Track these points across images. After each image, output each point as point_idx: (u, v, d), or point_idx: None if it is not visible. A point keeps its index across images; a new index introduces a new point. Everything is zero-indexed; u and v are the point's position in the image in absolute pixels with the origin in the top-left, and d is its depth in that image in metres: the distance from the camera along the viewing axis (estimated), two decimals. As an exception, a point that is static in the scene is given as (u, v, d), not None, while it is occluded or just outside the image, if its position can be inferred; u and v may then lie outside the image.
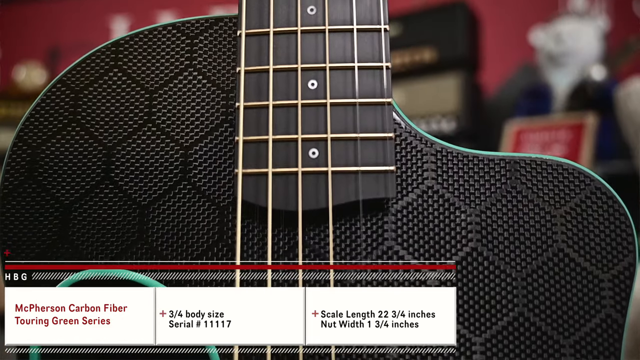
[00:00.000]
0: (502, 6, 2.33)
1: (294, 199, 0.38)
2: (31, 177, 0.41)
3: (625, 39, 1.93)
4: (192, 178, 0.41)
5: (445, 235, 0.39)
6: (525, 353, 0.38)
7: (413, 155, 0.40)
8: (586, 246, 0.38)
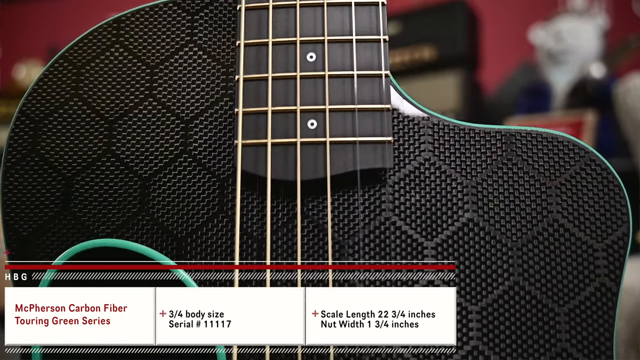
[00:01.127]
0: (501, 4, 2.34)
1: (292, 169, 0.38)
2: (34, 150, 0.42)
3: (624, 37, 1.94)
4: (193, 151, 0.41)
5: (442, 206, 0.40)
6: (521, 321, 0.38)
7: (410, 128, 0.40)
8: (580, 216, 0.39)
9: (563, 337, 0.38)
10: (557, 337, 0.38)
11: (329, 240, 0.39)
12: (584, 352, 0.38)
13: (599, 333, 0.38)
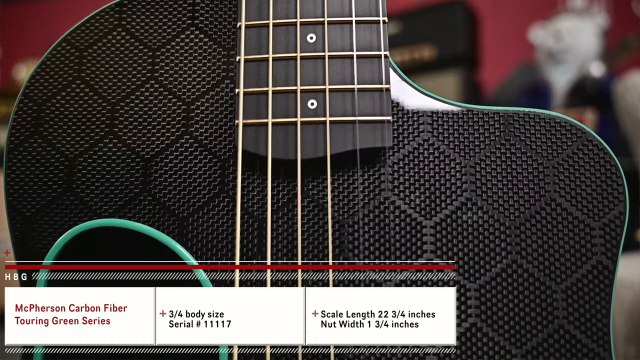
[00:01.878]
0: (501, 4, 2.35)
1: (293, 148, 0.39)
2: (37, 132, 0.42)
3: (624, 36, 1.94)
4: (194, 132, 0.42)
5: (440, 186, 0.40)
6: (519, 299, 0.39)
7: (409, 109, 0.41)
8: (578, 195, 0.39)
9: (560, 314, 0.38)
10: (555, 314, 0.38)
11: (329, 220, 0.39)
12: (581, 329, 0.38)
13: (595, 310, 0.38)
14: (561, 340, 0.38)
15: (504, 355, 0.38)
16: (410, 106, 0.41)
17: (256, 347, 0.38)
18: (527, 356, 0.38)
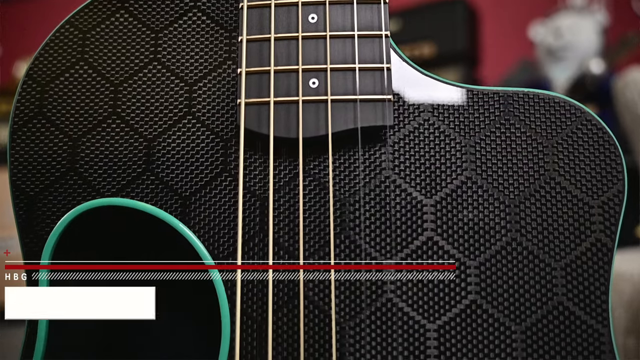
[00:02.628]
0: (501, 2, 2.35)
1: (294, 127, 0.39)
2: (40, 113, 0.43)
3: (623, 34, 1.95)
4: (197, 113, 0.42)
5: (441, 165, 0.40)
6: (518, 276, 0.39)
7: (410, 89, 0.41)
8: (577, 174, 0.40)
9: (559, 291, 0.39)
10: (554, 291, 0.39)
11: (330, 198, 0.40)
12: (580, 306, 0.38)
13: (594, 287, 0.39)
14: (560, 317, 0.38)
15: (503, 332, 0.38)
16: (410, 86, 0.41)
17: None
18: (527, 332, 0.38)
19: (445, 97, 0.41)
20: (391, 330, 0.38)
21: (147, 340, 0.52)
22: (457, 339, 0.38)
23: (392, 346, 0.38)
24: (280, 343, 0.39)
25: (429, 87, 0.41)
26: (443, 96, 0.41)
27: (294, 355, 0.38)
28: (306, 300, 0.39)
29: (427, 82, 0.41)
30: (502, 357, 0.38)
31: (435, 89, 0.41)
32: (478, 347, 0.38)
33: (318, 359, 0.38)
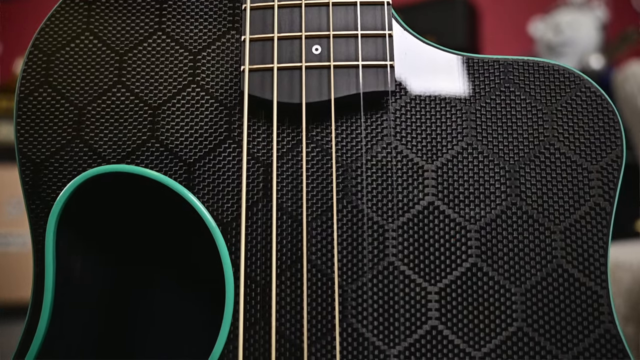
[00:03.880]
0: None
1: (298, 92, 0.40)
2: (46, 82, 0.43)
3: (623, 29, 1.95)
4: (201, 81, 0.43)
5: (441, 132, 0.41)
6: (518, 239, 0.39)
7: (411, 57, 0.42)
8: (576, 140, 0.40)
9: (559, 254, 0.39)
10: (553, 254, 0.39)
11: (333, 163, 0.40)
12: (579, 268, 0.39)
13: (593, 250, 0.39)
14: (560, 279, 0.39)
15: (503, 294, 0.39)
16: (412, 54, 0.42)
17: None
18: (527, 294, 0.39)
19: (446, 65, 0.42)
20: (393, 292, 0.39)
21: (149, 321, 0.52)
22: (458, 302, 0.39)
23: (394, 308, 0.39)
24: (284, 306, 0.39)
25: (430, 55, 0.42)
26: (444, 64, 0.42)
27: (296, 319, 0.39)
28: (309, 264, 0.39)
29: (429, 50, 0.42)
30: (502, 319, 0.38)
31: (437, 57, 0.42)
32: (478, 309, 0.39)
33: (321, 321, 0.39)
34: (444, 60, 0.42)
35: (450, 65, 0.42)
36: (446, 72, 0.42)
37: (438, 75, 0.42)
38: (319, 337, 0.38)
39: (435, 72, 0.42)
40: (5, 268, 2.00)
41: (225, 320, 0.39)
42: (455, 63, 0.42)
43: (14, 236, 2.02)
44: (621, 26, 2.04)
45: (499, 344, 0.38)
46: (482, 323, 0.38)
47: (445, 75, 0.42)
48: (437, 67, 0.42)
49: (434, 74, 0.42)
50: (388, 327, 0.39)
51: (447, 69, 0.42)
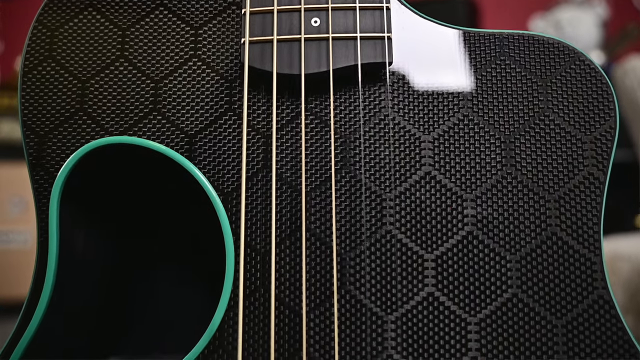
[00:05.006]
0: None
1: (297, 63, 0.41)
2: (50, 56, 0.44)
3: (623, 26, 1.96)
4: (202, 55, 0.43)
5: (438, 104, 0.42)
6: (513, 208, 0.40)
7: (408, 31, 0.43)
8: (570, 112, 0.41)
9: (553, 222, 0.40)
10: (548, 222, 0.40)
11: (332, 134, 0.41)
12: (573, 236, 0.40)
13: (587, 218, 0.40)
14: (554, 247, 0.40)
15: (499, 261, 0.39)
16: (409, 27, 0.43)
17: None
18: (521, 262, 0.39)
19: (443, 39, 0.43)
20: (390, 260, 0.40)
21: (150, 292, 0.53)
22: (454, 269, 0.40)
23: (391, 276, 0.39)
24: (283, 274, 0.40)
25: (428, 29, 0.43)
26: (441, 38, 0.43)
27: (296, 286, 0.40)
28: (308, 232, 0.40)
29: (426, 24, 0.43)
30: (498, 286, 0.39)
31: (434, 31, 0.43)
32: (474, 276, 0.39)
33: (319, 288, 0.39)
34: (441, 34, 0.43)
35: (447, 39, 0.43)
36: (443, 46, 0.42)
37: (435, 49, 0.42)
38: (317, 304, 0.39)
39: (432, 45, 0.42)
40: (7, 266, 2.00)
41: (226, 289, 0.40)
42: (452, 37, 0.43)
43: (15, 234, 2.03)
44: (621, 23, 2.05)
45: (494, 309, 0.39)
46: (477, 290, 0.39)
47: (442, 48, 0.42)
48: (434, 41, 0.42)
49: (431, 47, 0.42)
50: (385, 294, 0.39)
51: (444, 42, 0.42)
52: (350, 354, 0.38)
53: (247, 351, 0.39)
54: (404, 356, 0.38)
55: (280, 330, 0.39)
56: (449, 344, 0.39)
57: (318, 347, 0.39)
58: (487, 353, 0.38)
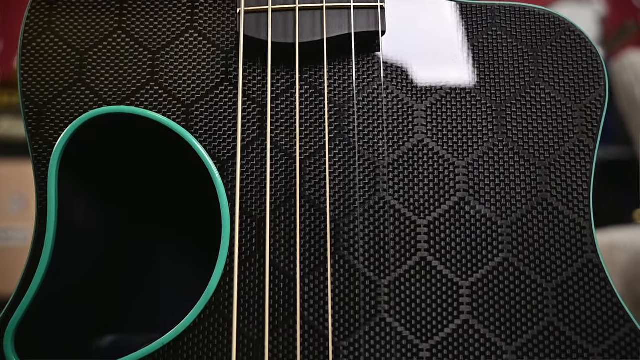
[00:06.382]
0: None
1: (292, 32, 0.41)
2: (49, 29, 0.45)
3: (621, 23, 1.97)
4: (199, 27, 0.44)
5: (430, 73, 0.42)
6: (504, 174, 0.41)
7: (401, 1, 0.43)
8: (560, 81, 0.42)
9: (543, 188, 0.41)
10: (538, 189, 0.41)
11: (326, 103, 0.42)
12: (563, 202, 0.40)
13: (577, 184, 0.41)
14: (544, 212, 0.40)
15: (490, 226, 0.40)
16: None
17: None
18: (513, 226, 0.40)
19: (435, 10, 0.43)
20: (383, 226, 0.40)
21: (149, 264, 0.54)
22: (447, 234, 0.40)
23: (385, 241, 0.40)
24: (278, 240, 0.41)
25: (421, 0, 0.43)
26: (434, 9, 0.43)
27: (290, 251, 0.40)
28: (303, 199, 0.41)
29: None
30: (489, 250, 0.40)
31: (427, 1, 0.43)
32: (466, 241, 0.40)
33: (314, 254, 0.40)
34: (434, 5, 0.43)
35: (440, 10, 0.43)
36: (436, 17, 0.43)
37: (428, 19, 0.43)
38: (311, 269, 0.40)
39: (425, 16, 0.43)
40: (6, 263, 2.01)
41: (222, 255, 0.40)
42: (445, 8, 0.43)
43: (14, 231, 2.03)
44: (619, 20, 2.06)
45: (485, 273, 0.39)
46: (469, 254, 0.40)
47: (435, 19, 0.43)
48: (428, 12, 0.43)
49: (424, 17, 0.43)
50: (379, 259, 0.40)
51: (437, 13, 0.43)
52: (343, 318, 0.39)
53: (242, 315, 0.39)
54: (396, 319, 0.39)
55: (275, 295, 0.40)
56: (441, 307, 0.39)
57: (312, 311, 0.39)
58: (478, 316, 0.39)
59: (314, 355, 0.39)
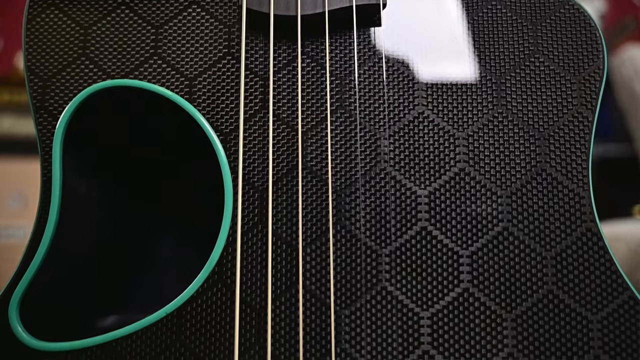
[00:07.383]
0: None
1: (293, 5, 0.42)
2: (53, 4, 0.45)
3: (621, 19, 1.97)
4: (201, 2, 0.44)
5: (431, 47, 0.43)
6: (504, 146, 0.41)
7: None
8: (559, 54, 0.42)
9: (543, 158, 0.41)
10: (537, 159, 0.41)
11: (327, 74, 0.42)
12: (562, 172, 0.41)
13: (575, 155, 0.41)
14: (544, 182, 0.41)
15: (490, 196, 0.41)
16: (403, -25, 0.44)
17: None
18: (512, 196, 0.41)
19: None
20: (384, 196, 0.41)
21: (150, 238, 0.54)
22: (447, 204, 0.41)
23: (385, 211, 0.41)
24: (280, 210, 0.41)
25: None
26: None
27: (292, 221, 0.41)
28: (305, 170, 0.41)
29: (419, -29, 0.44)
30: (489, 220, 0.40)
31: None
32: (466, 211, 0.41)
33: (315, 223, 0.40)
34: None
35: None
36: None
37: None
38: (313, 239, 0.40)
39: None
40: (6, 260, 2.01)
41: (224, 225, 0.41)
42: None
43: (14, 228, 2.04)
44: (619, 16, 2.07)
45: (485, 242, 0.40)
46: (469, 223, 0.40)
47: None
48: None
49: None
50: (380, 229, 0.40)
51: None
52: (345, 287, 0.40)
53: (245, 284, 0.40)
54: (397, 288, 0.39)
55: (277, 265, 0.40)
56: (442, 276, 0.40)
57: (314, 280, 0.40)
58: (478, 284, 0.39)
59: (316, 324, 0.39)
